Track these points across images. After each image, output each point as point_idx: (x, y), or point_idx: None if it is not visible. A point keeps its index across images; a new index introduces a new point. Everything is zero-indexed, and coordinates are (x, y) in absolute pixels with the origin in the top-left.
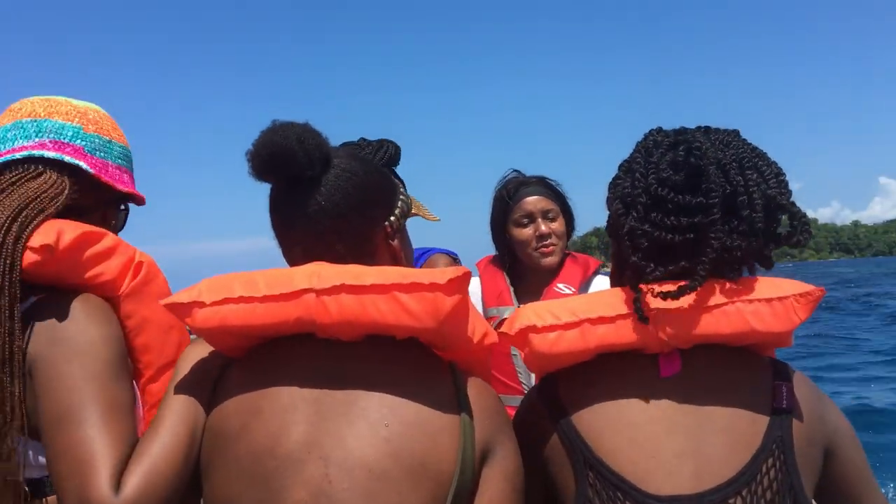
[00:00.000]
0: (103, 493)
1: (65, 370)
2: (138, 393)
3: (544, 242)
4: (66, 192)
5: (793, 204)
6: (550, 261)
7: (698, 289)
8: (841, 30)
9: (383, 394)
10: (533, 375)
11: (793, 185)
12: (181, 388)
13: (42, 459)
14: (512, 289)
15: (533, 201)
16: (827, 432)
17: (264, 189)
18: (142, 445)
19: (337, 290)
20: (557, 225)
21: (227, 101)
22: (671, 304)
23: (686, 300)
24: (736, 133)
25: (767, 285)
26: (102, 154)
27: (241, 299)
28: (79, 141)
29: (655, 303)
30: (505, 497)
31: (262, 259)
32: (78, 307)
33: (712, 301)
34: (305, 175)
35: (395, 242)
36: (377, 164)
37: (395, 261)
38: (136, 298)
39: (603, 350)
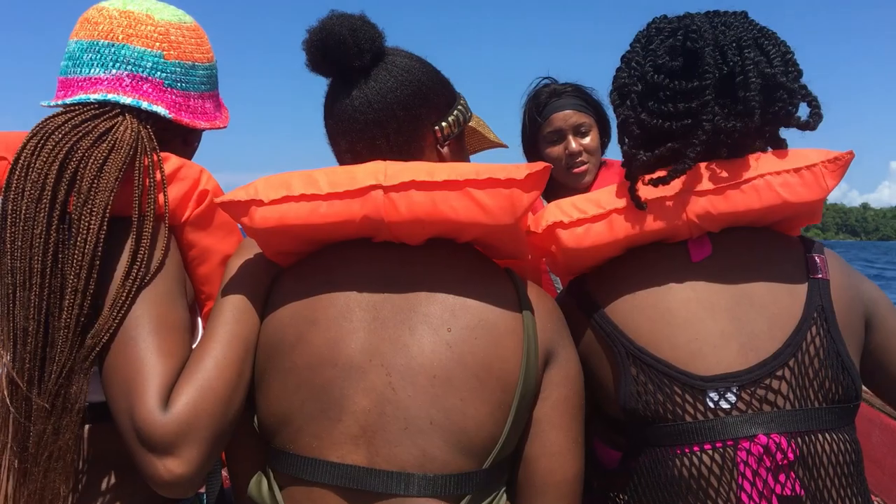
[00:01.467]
0: (151, 409)
1: (113, 286)
2: (200, 325)
3: (576, 161)
4: (144, 139)
5: (795, 82)
6: (586, 181)
7: (692, 168)
8: (860, 10)
9: (445, 297)
10: None
11: None
12: (233, 297)
13: None
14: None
15: (563, 116)
16: (865, 301)
17: (290, 126)
18: (192, 361)
19: (406, 186)
20: (590, 140)
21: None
22: (665, 189)
23: (712, 178)
24: (743, 14)
25: (793, 155)
26: (184, 85)
27: (302, 197)
28: (159, 73)
29: (647, 190)
30: (568, 400)
31: None
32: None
33: (740, 176)
34: (354, 64)
35: (445, 150)
36: (439, 70)
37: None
38: (198, 227)
39: (631, 241)
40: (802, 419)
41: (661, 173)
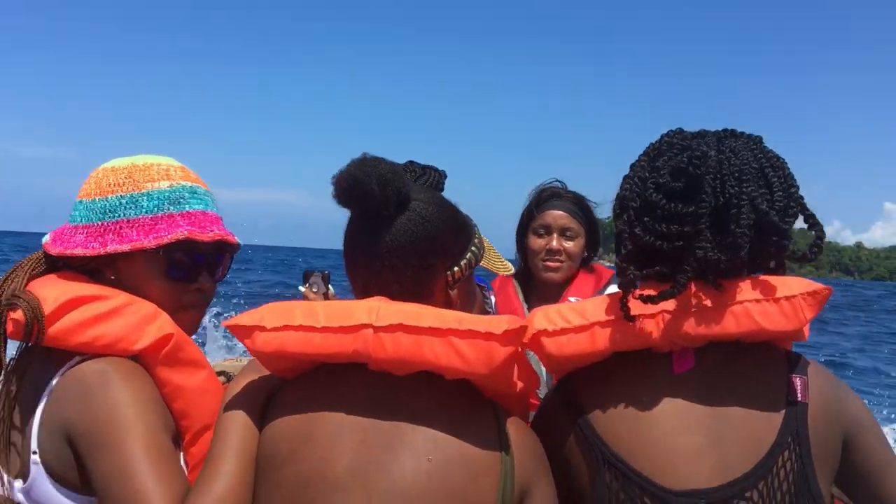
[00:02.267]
0: None
1: (102, 431)
2: (182, 457)
3: (552, 257)
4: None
5: (792, 217)
6: (552, 276)
7: (682, 293)
8: (858, 49)
9: (429, 428)
10: (545, 374)
11: None
12: (234, 413)
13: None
14: (525, 305)
15: (555, 216)
16: (844, 422)
17: (272, 146)
18: (201, 479)
19: (394, 328)
20: (572, 245)
21: (236, 39)
22: (652, 308)
23: (692, 301)
24: (758, 140)
25: (775, 284)
26: (83, 218)
27: (301, 328)
28: (74, 213)
29: (635, 305)
30: None
31: (288, 213)
32: (109, 369)
33: (720, 301)
34: (381, 214)
35: (454, 292)
36: (459, 211)
37: (448, 308)
38: (168, 367)
39: (613, 350)
40: None
41: (650, 291)
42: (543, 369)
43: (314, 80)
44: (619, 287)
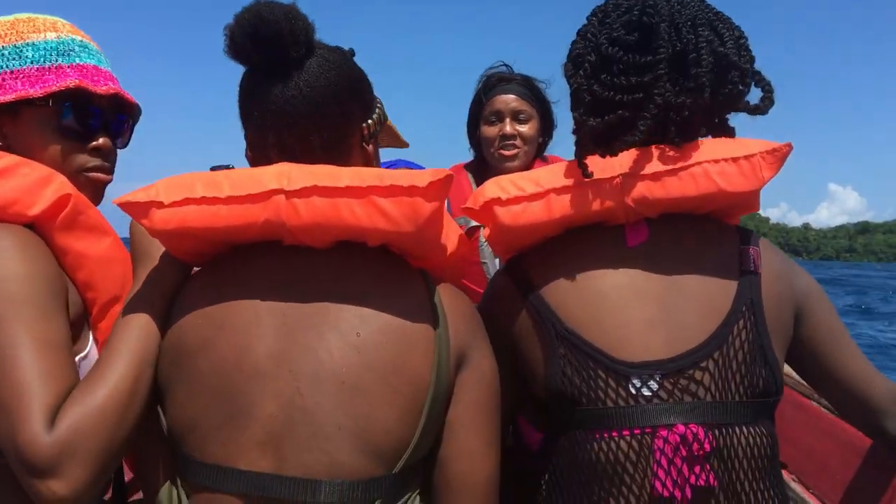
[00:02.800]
0: (34, 432)
1: None
2: (90, 333)
3: (505, 143)
4: None
5: (748, 63)
6: (510, 165)
7: (641, 148)
8: (803, 35)
9: (354, 303)
10: None
11: None
12: (133, 313)
13: None
14: None
15: (505, 100)
16: (796, 293)
17: (226, 133)
18: (82, 383)
19: (308, 191)
20: (527, 128)
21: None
22: (610, 170)
23: (650, 163)
24: None
25: (733, 144)
26: None
27: (203, 200)
28: None
29: (593, 163)
30: (482, 402)
31: None
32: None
33: (677, 164)
34: (289, 55)
35: (370, 148)
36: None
37: (367, 166)
38: (67, 232)
39: (568, 222)
40: (721, 412)
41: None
42: (498, 263)
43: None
44: (575, 144)
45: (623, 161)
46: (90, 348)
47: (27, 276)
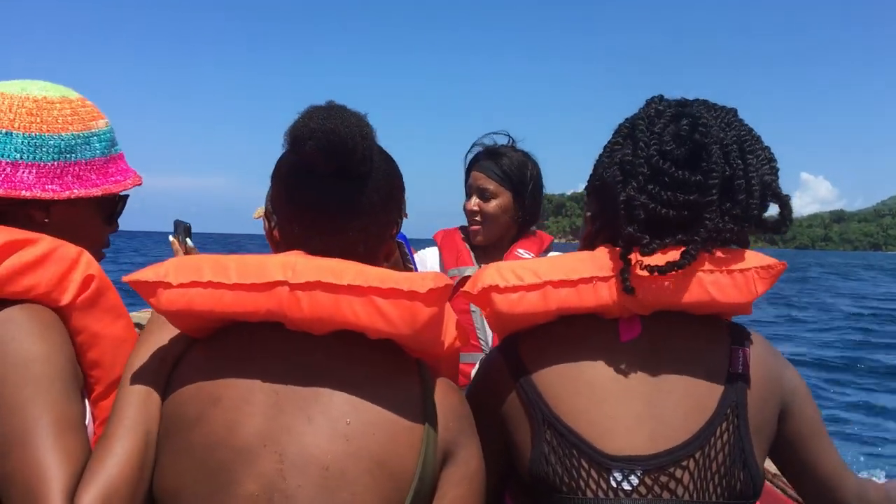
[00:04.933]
0: None
1: (8, 390)
2: (88, 408)
3: (471, 219)
4: None
5: (783, 192)
6: (476, 238)
7: (693, 262)
8: (771, 30)
9: (347, 391)
10: (490, 332)
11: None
12: (135, 385)
13: None
14: (472, 252)
15: (475, 176)
16: (782, 393)
17: (230, 130)
18: (94, 460)
19: (312, 286)
20: (490, 206)
21: (210, 26)
22: (601, 270)
23: (648, 266)
24: (734, 112)
25: (730, 257)
26: (28, 155)
27: (209, 284)
28: (7, 147)
29: (641, 274)
30: (466, 497)
31: (217, 198)
32: (19, 319)
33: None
34: (356, 171)
35: (393, 242)
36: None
37: (392, 254)
38: (86, 312)
39: (564, 313)
40: None
41: (657, 261)
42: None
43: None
44: (621, 257)
45: (658, 257)
46: (88, 424)
47: (48, 358)
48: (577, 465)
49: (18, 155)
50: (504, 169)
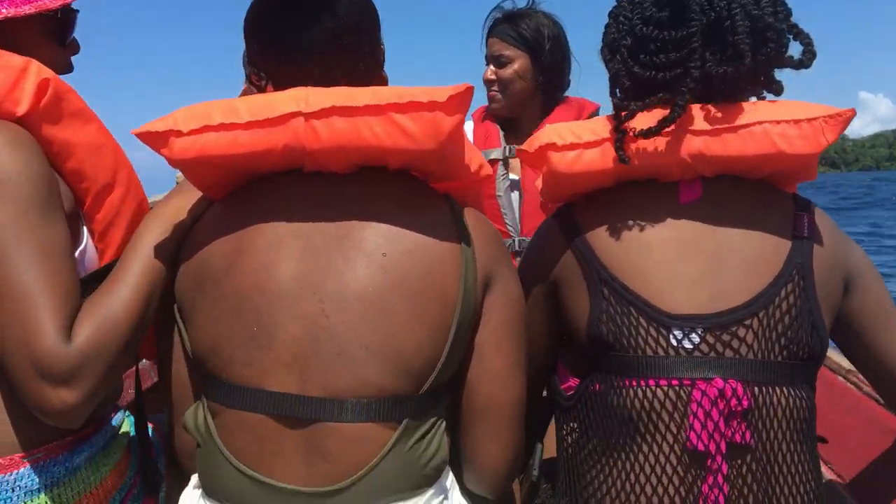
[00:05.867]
0: (52, 340)
1: None
2: (84, 223)
3: (489, 89)
4: None
5: (785, 21)
6: (493, 107)
7: (682, 116)
8: None
9: (379, 223)
10: (518, 216)
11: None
12: (149, 239)
13: None
14: (502, 132)
15: (490, 43)
16: (847, 264)
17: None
18: (100, 294)
19: (327, 112)
20: (507, 72)
21: None
22: (719, 129)
23: (710, 120)
24: None
25: (794, 107)
26: None
27: (221, 126)
28: None
29: (638, 141)
30: (509, 323)
31: None
32: None
33: (738, 121)
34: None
35: (385, 74)
36: None
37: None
38: (50, 120)
39: (622, 173)
40: (762, 370)
41: (650, 123)
42: (515, 200)
43: None
44: (614, 129)
45: (653, 115)
46: (86, 241)
47: (26, 177)
48: (636, 324)
49: None
50: (519, 31)
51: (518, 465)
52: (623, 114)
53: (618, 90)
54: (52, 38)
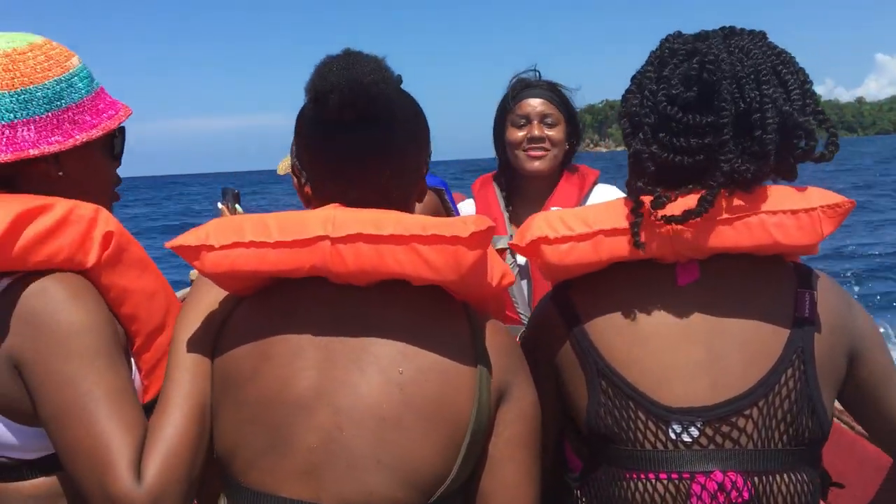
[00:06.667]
0: (127, 485)
1: (53, 367)
2: (133, 362)
3: (534, 145)
4: None
5: (814, 116)
6: (538, 166)
7: (710, 208)
8: None
9: (397, 340)
10: (528, 301)
11: None
12: (184, 350)
13: (10, 438)
14: (506, 215)
15: (532, 104)
16: (852, 339)
17: (260, 70)
18: (153, 429)
19: (353, 238)
20: (555, 132)
21: None
22: (676, 227)
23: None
24: (762, 36)
25: (792, 195)
26: (19, 113)
27: (251, 244)
28: None
29: (660, 226)
30: (523, 436)
31: (256, 137)
32: (54, 290)
33: (733, 213)
34: (381, 117)
35: (424, 182)
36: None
37: (421, 198)
38: (111, 269)
39: (616, 261)
40: (762, 459)
41: (674, 211)
42: (524, 287)
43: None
44: (632, 211)
45: (677, 205)
46: (134, 377)
47: (91, 328)
48: (634, 417)
49: (11, 115)
50: (560, 96)
51: None
52: (648, 199)
53: (640, 173)
54: (108, 157)
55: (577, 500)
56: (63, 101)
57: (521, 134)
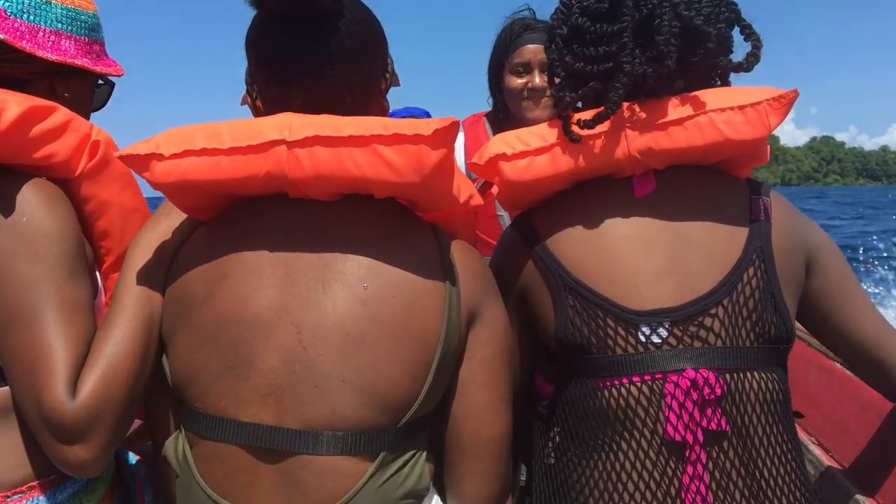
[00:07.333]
0: (59, 398)
1: (14, 267)
2: (100, 281)
3: (536, 96)
4: None
5: (722, 23)
6: (538, 115)
7: (629, 113)
8: None
9: (361, 255)
10: None
11: (807, 109)
12: (135, 272)
13: None
14: None
15: (533, 49)
16: (807, 245)
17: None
18: (95, 346)
19: (311, 141)
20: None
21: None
22: (605, 125)
23: (655, 115)
24: None
25: (738, 93)
26: (32, 17)
27: (203, 151)
28: (49, 15)
29: (615, 134)
30: (495, 359)
31: None
32: (29, 195)
33: (683, 113)
34: (322, 8)
35: (386, 103)
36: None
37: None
38: (94, 180)
39: (575, 175)
40: (732, 356)
41: (588, 115)
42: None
43: None
44: (558, 115)
45: (628, 113)
46: (99, 296)
47: (60, 237)
48: (604, 325)
49: (60, 25)
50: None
51: (505, 495)
52: (561, 103)
53: (553, 79)
54: (88, 106)
55: (550, 427)
56: (96, 33)
57: (520, 82)
